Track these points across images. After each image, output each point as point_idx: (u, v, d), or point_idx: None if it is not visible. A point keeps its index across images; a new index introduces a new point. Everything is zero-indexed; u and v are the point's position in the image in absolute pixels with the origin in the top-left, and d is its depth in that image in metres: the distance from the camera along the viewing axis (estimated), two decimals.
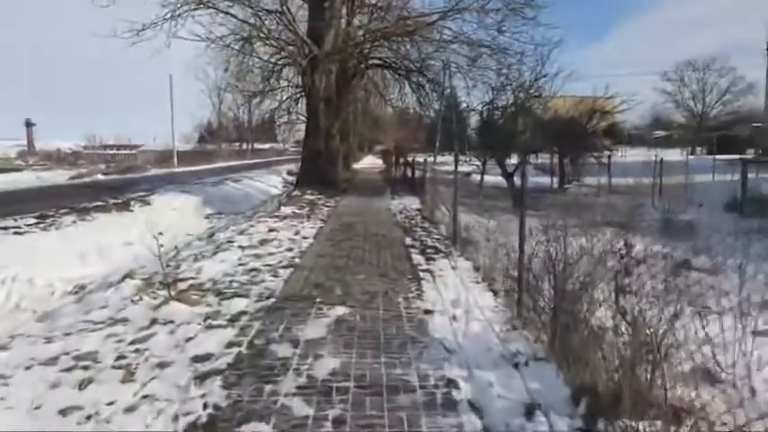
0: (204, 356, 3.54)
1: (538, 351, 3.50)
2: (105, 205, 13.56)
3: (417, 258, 6.79)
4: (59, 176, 29.54)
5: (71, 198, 15.19)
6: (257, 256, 6.81)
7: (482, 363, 3.42)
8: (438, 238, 8.52)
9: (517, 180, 16.38)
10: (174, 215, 14.41)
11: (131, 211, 13.74)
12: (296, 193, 15.66)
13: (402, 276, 5.75)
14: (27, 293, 6.72)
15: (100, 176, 29.13)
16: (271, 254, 6.97)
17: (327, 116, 16.87)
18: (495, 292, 5.08)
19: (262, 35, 15.81)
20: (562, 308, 3.38)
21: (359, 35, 18.52)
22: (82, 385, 3.14)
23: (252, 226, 9.50)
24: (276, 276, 5.71)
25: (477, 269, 6.14)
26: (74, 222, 11.08)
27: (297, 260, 6.59)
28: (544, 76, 13.12)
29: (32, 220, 10.17)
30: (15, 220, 10.18)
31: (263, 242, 7.86)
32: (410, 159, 21.39)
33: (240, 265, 6.35)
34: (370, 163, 52.47)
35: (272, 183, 25.81)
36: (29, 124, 69.71)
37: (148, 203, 14.97)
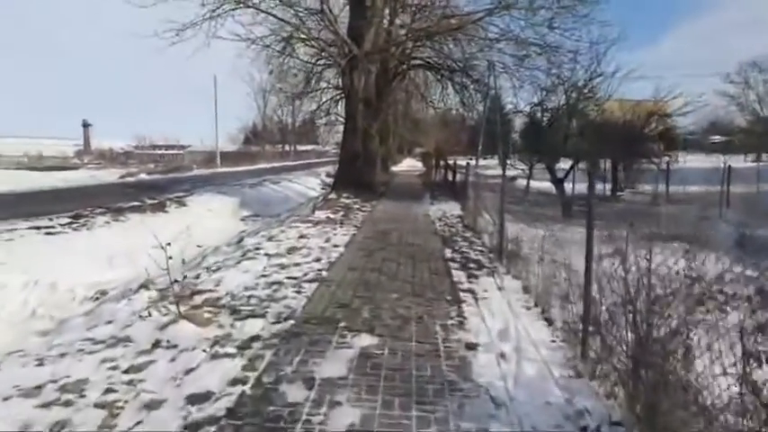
0: (202, 396, 2.98)
1: (612, 412, 2.75)
2: (141, 206, 13.47)
3: (458, 275, 6.07)
4: (110, 175, 30.41)
5: (112, 196, 15.37)
6: (282, 267, 6.28)
7: (540, 423, 2.70)
8: (481, 251, 7.76)
9: (567, 186, 15.30)
10: (209, 217, 14.24)
11: (166, 212, 13.61)
12: (332, 195, 15.21)
13: (440, 297, 5.05)
14: (47, 299, 6.45)
15: (143, 176, 29.76)
16: (297, 264, 6.43)
17: (366, 117, 16.35)
18: (551, 322, 4.31)
19: (302, 35, 15.50)
20: (646, 359, 2.61)
21: (401, 35, 17.93)
22: (53, 431, 2.63)
23: (282, 231, 9.04)
24: (299, 292, 5.14)
25: (526, 290, 5.37)
26: (107, 223, 10.95)
27: (324, 273, 6.01)
28: (599, 75, 12.06)
29: (66, 220, 10.10)
30: (51, 219, 10.13)
31: (291, 250, 7.35)
32: (451, 162, 20.60)
33: (263, 276, 5.84)
34: (409, 166, 51.84)
35: (311, 185, 25.59)
36: (85, 125, 73.44)
37: (185, 204, 14.86)
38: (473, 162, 31.90)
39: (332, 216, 11.19)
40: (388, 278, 5.80)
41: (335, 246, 7.65)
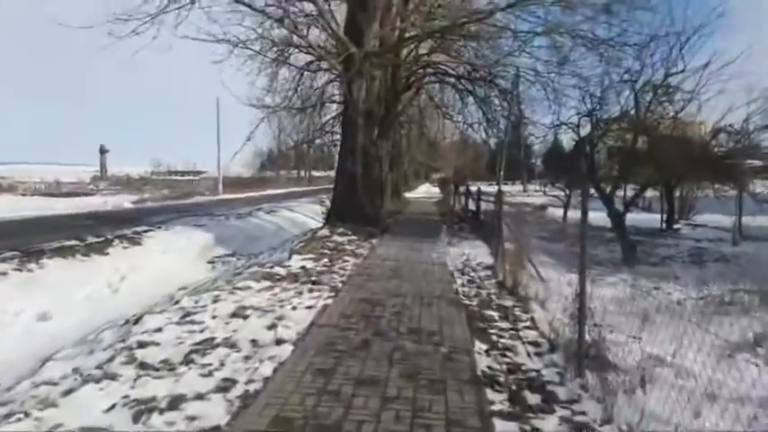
0: None
1: None
2: (74, 246, 10.39)
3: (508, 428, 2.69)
4: (124, 201, 29.88)
5: (65, 231, 12.68)
6: (145, 406, 2.99)
7: None
8: (538, 350, 4.35)
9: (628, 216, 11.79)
10: (163, 260, 11.15)
11: (106, 254, 10.54)
12: (323, 231, 11.98)
13: None
14: None
15: (127, 204, 27.10)
16: (175, 404, 3.12)
17: (368, 134, 13.24)
18: None
19: (291, 31, 12.54)
20: None
21: (412, 35, 14.94)
22: None
23: (217, 299, 5.77)
24: None
25: None
26: (3, 275, 7.94)
27: None
28: (682, 71, 8.71)
29: None
30: None
31: (194, 352, 4.04)
32: (472, 188, 17.30)
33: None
34: (425, 192, 48.56)
35: (313, 212, 22.54)
36: (102, 151, 72.70)
37: (139, 243, 11.81)
38: (493, 188, 28.52)
39: (309, 266, 7.91)
40: None
41: (280, 341, 4.30)
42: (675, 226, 17.05)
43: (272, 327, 4.68)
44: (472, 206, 15.78)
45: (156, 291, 8.22)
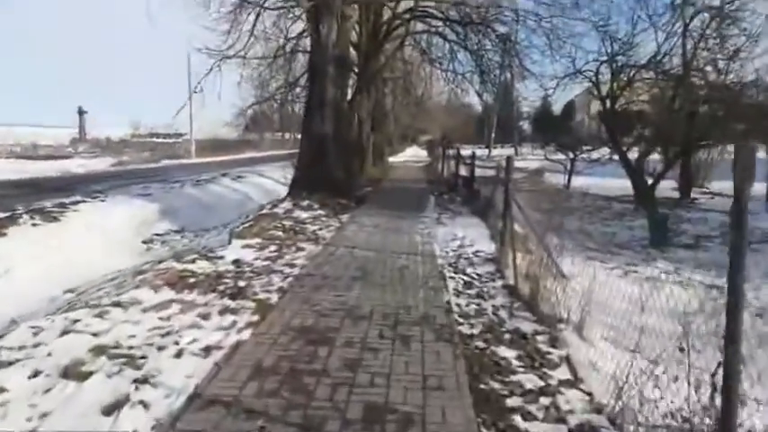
0: None
1: None
2: None
3: None
4: (102, 164, 29.15)
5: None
6: None
7: None
8: None
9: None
10: (81, 242, 8.93)
11: (2, 235, 8.30)
12: (283, 205, 9.75)
13: None
14: None
15: (98, 167, 24.79)
16: None
17: (340, 85, 10.83)
18: None
19: None
20: None
21: None
22: None
23: (71, 326, 3.61)
24: None
25: None
26: None
27: None
28: None
29: None
30: None
31: None
32: (464, 152, 15.09)
33: None
34: (413, 155, 45.99)
35: (287, 178, 20.31)
36: (81, 112, 68.57)
37: (57, 219, 9.54)
38: (483, 151, 25.96)
39: (246, 259, 5.76)
40: None
41: None
42: (693, 196, 15.11)
43: (115, 408, 2.55)
44: (464, 172, 13.60)
45: (42, 291, 6.04)
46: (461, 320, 4.03)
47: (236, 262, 5.67)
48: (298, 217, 8.75)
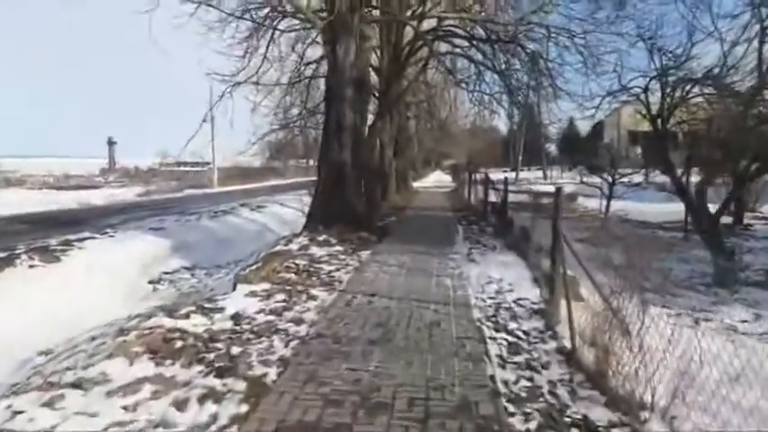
0: None
1: None
2: None
3: None
4: (129, 193, 30.00)
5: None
6: None
7: None
8: None
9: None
10: (79, 286, 8.33)
11: None
12: (298, 240, 8.96)
13: None
14: None
15: (121, 197, 24.77)
16: None
17: (359, 110, 10.13)
18: None
19: None
20: None
21: None
22: None
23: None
24: None
25: None
26: None
27: None
28: None
29: None
30: None
31: None
32: (494, 176, 14.13)
33: None
34: (436, 181, 45.11)
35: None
36: (110, 143, 70.87)
37: (58, 259, 9.04)
38: (510, 175, 24.83)
39: (248, 312, 4.93)
40: None
41: None
42: (746, 222, 13.75)
43: None
44: (493, 198, 12.62)
45: (15, 351, 5.31)
46: (511, 408, 3.07)
47: (236, 317, 4.83)
48: (313, 255, 7.93)
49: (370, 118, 15.24)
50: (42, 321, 6.49)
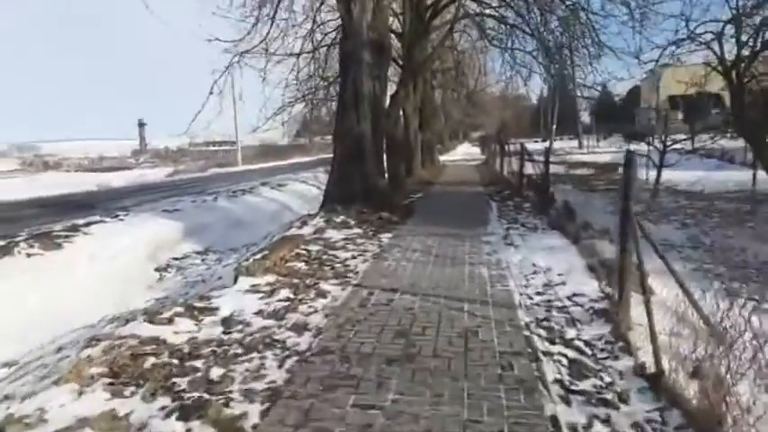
0: None
1: None
2: None
3: None
4: (160, 174, 29.95)
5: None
6: None
7: None
8: None
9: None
10: (79, 275, 7.76)
11: None
12: (313, 222, 8.09)
13: None
14: None
15: (152, 177, 24.60)
16: None
17: (377, 76, 9.05)
18: None
19: None
20: None
21: None
22: None
23: None
24: None
25: None
26: None
27: None
28: None
29: None
30: None
31: None
32: (531, 146, 12.85)
33: None
34: (464, 153, 43.45)
35: None
36: (141, 124, 71.96)
37: (59, 246, 8.50)
38: (539, 145, 23.19)
39: (243, 316, 4.10)
40: None
41: None
42: None
43: None
44: (530, 171, 11.40)
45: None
46: None
47: (228, 322, 4.00)
48: (328, 239, 7.05)
49: (392, 87, 14.12)
50: (29, 319, 5.88)
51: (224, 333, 3.82)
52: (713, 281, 5.42)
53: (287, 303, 4.44)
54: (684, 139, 12.19)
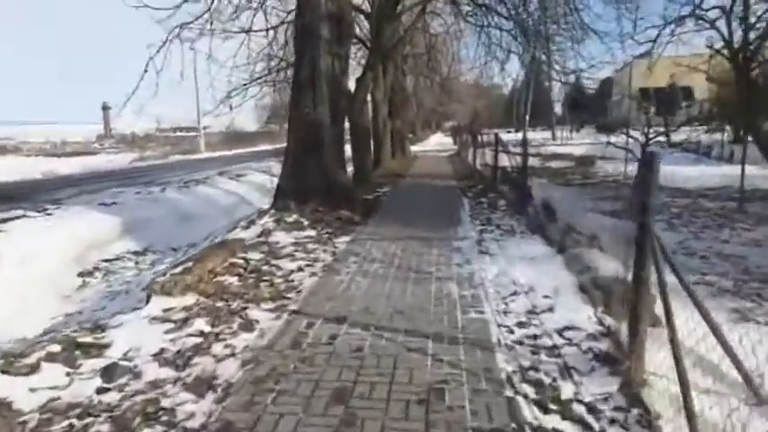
0: None
1: None
2: None
3: None
4: (125, 159, 28.65)
5: None
6: None
7: None
8: None
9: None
10: None
11: None
12: (262, 222, 7.00)
13: None
14: None
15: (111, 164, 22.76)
16: None
17: (338, 54, 7.95)
18: None
19: None
20: None
21: None
22: None
23: None
24: None
25: None
26: None
27: None
28: None
29: None
30: None
31: None
32: (506, 137, 11.98)
33: None
34: (437, 143, 42.57)
35: None
36: (105, 108, 68.22)
37: None
38: (513, 136, 22.49)
39: (145, 356, 3.05)
40: None
41: None
42: None
43: None
44: (505, 163, 10.54)
45: None
46: None
47: (110, 372, 2.94)
48: (275, 244, 5.99)
49: (360, 72, 13.02)
50: None
51: (99, 392, 2.77)
52: (720, 297, 4.68)
53: (199, 340, 3.40)
54: (665, 132, 11.53)
